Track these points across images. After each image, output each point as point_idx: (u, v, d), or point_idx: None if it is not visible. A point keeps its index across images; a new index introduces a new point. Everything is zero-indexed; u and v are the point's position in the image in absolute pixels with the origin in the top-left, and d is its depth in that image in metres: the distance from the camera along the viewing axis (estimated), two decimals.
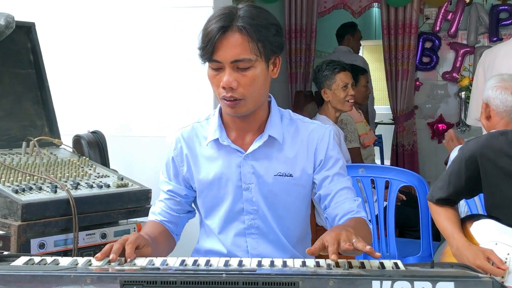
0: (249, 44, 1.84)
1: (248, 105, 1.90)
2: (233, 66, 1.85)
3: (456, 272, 1.50)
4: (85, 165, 2.68)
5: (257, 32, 1.84)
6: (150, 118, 3.42)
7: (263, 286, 1.36)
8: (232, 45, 1.83)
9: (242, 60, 1.84)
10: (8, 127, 2.75)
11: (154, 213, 2.12)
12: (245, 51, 1.84)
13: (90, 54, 3.54)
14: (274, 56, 1.93)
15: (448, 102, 6.42)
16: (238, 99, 1.87)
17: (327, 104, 3.95)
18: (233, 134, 2.02)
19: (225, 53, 1.84)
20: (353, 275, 1.38)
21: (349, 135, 4.23)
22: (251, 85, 1.87)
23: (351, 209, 1.99)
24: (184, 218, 2.14)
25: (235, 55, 1.84)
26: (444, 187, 2.33)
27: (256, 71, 1.87)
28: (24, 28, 2.89)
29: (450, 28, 6.32)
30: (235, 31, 1.83)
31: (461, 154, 2.27)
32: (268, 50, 1.88)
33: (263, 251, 2.03)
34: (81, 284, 1.38)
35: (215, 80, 1.89)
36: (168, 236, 2.09)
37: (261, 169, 1.99)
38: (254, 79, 1.87)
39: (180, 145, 2.06)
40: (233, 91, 1.86)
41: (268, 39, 1.87)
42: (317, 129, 2.05)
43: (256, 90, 1.89)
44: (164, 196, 2.12)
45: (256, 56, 1.85)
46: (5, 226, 2.21)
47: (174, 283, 1.38)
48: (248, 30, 1.83)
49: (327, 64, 3.93)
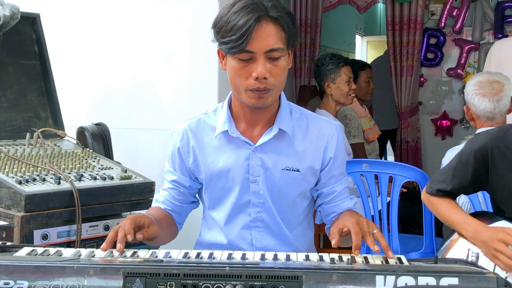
0: (281, 33, 1.85)
1: (274, 95, 1.91)
2: (265, 56, 1.84)
3: (460, 268, 1.49)
4: (89, 157, 2.68)
5: (287, 22, 1.86)
6: (154, 111, 3.42)
7: (266, 280, 1.36)
8: (267, 35, 1.82)
9: (276, 50, 1.84)
10: (12, 118, 2.76)
11: (158, 201, 2.12)
12: (279, 40, 1.84)
13: (95, 46, 3.53)
14: (292, 48, 1.94)
15: (452, 98, 6.40)
16: (268, 89, 1.86)
17: (327, 97, 3.94)
18: (242, 126, 2.00)
19: (260, 43, 1.82)
20: (356, 270, 1.38)
21: (353, 130, 4.23)
22: (282, 75, 1.88)
23: (347, 209, 2.07)
24: (187, 207, 2.14)
25: (271, 45, 1.83)
26: (447, 180, 2.31)
27: (284, 61, 1.88)
28: (29, 19, 2.89)
29: (455, 24, 6.29)
30: (269, 21, 1.83)
31: (470, 146, 2.26)
32: (292, 41, 1.90)
33: (268, 244, 2.03)
34: (84, 276, 1.38)
35: (243, 71, 1.85)
36: (171, 222, 2.09)
37: (269, 162, 1.99)
38: (284, 69, 1.88)
39: (186, 137, 2.05)
40: (266, 81, 1.84)
41: (292, 30, 1.89)
42: (328, 126, 2.05)
43: (283, 80, 1.90)
44: (168, 186, 2.11)
45: (286, 47, 1.87)
46: (8, 217, 2.21)
47: (177, 275, 1.38)
48: (281, 20, 1.84)
49: (330, 58, 3.91)
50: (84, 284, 1.37)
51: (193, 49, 3.31)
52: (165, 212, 2.08)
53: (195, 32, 3.32)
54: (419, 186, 3.19)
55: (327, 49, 6.97)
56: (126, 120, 3.43)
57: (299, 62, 6.15)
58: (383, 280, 1.34)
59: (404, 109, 6.04)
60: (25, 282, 1.38)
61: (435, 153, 6.31)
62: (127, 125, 3.41)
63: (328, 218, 2.10)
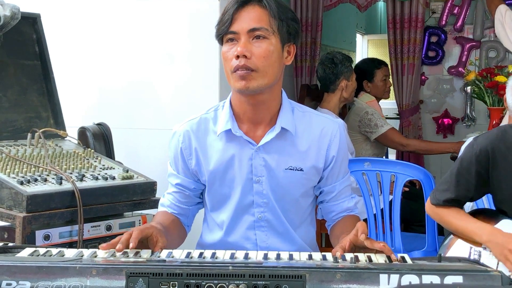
0: (267, 17, 1.86)
1: (259, 79, 1.87)
2: (249, 36, 1.86)
3: (465, 266, 1.48)
4: (90, 157, 2.67)
5: (276, 8, 1.87)
6: (156, 111, 3.42)
7: (269, 279, 1.35)
8: (251, 16, 1.87)
9: (259, 29, 1.85)
10: (14, 118, 2.75)
11: (164, 205, 2.10)
12: (263, 21, 1.86)
13: (96, 46, 3.53)
14: (289, 43, 1.94)
15: (454, 96, 6.38)
16: (250, 69, 1.85)
17: (330, 96, 3.95)
18: (244, 126, 1.99)
19: (242, 22, 1.86)
20: (360, 269, 1.37)
21: (379, 121, 4.24)
22: (265, 57, 1.87)
23: (348, 208, 2.10)
24: (194, 209, 2.13)
25: (253, 24, 1.86)
26: (451, 188, 2.29)
27: (271, 46, 1.87)
28: (30, 19, 2.89)
29: (456, 22, 6.28)
30: (255, 4, 1.87)
31: (471, 150, 2.25)
32: (284, 32, 1.90)
33: (272, 244, 2.02)
34: (86, 276, 1.37)
35: (229, 53, 1.88)
36: (179, 226, 2.08)
37: (273, 162, 1.98)
38: (268, 52, 1.87)
39: (188, 138, 2.03)
40: (247, 60, 1.85)
41: (286, 20, 1.89)
42: (331, 124, 2.04)
43: (269, 65, 1.88)
44: (172, 189, 2.10)
45: (273, 30, 1.87)
46: (10, 218, 2.20)
47: (180, 275, 1.37)
48: (268, 3, 1.87)
49: (345, 57, 3.96)
50: (86, 284, 1.37)
51: (194, 49, 3.31)
52: (172, 217, 2.07)
53: (196, 32, 3.31)
54: (421, 185, 3.18)
55: (328, 48, 6.95)
56: (127, 120, 3.43)
57: (299, 61, 6.13)
58: (387, 279, 1.34)
59: (406, 108, 6.02)
60: (27, 283, 1.37)
61: None
62: (128, 125, 3.40)
63: (329, 216, 2.11)
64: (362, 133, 4.29)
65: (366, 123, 4.24)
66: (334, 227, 2.09)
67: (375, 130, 4.20)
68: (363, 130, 4.27)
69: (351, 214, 2.10)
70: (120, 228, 2.45)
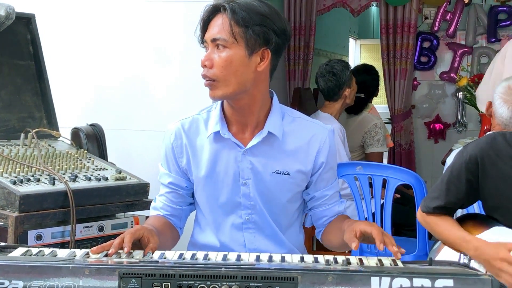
0: (229, 25, 1.86)
1: (223, 88, 1.89)
2: (213, 45, 1.89)
3: (455, 270, 1.50)
4: (83, 157, 2.67)
5: (240, 16, 1.86)
6: (149, 112, 3.42)
7: (262, 281, 1.36)
8: (215, 25, 1.89)
9: (218, 39, 1.87)
10: (7, 118, 2.75)
11: (156, 208, 2.09)
12: (222, 30, 1.87)
13: (90, 47, 3.53)
14: (261, 48, 1.90)
15: (445, 102, 6.42)
16: (211, 79, 1.88)
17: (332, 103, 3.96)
18: (233, 128, 2.00)
19: (209, 32, 1.91)
20: (352, 271, 1.39)
21: (382, 138, 4.27)
22: (224, 66, 1.87)
23: (338, 212, 2.10)
24: (186, 210, 2.12)
25: (214, 34, 1.88)
26: (441, 196, 2.29)
27: (230, 54, 1.87)
28: (24, 20, 2.89)
29: (448, 28, 6.31)
30: (221, 13, 1.89)
31: (461, 158, 2.25)
32: (249, 37, 1.87)
33: (260, 246, 2.03)
34: (79, 276, 1.38)
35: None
36: (171, 228, 2.07)
37: (259, 166, 1.98)
38: (227, 61, 1.87)
39: (180, 136, 2.04)
40: (208, 70, 1.88)
41: (252, 26, 1.87)
42: (321, 131, 2.04)
43: (229, 74, 1.88)
44: (165, 190, 2.09)
45: (233, 39, 1.86)
46: (2, 217, 2.20)
47: (173, 276, 1.38)
48: (231, 12, 1.86)
49: (343, 65, 4.00)
50: (79, 285, 1.37)
51: (189, 50, 3.31)
52: (164, 220, 2.06)
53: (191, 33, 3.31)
54: (413, 189, 3.19)
55: (321, 51, 6.97)
56: (120, 121, 3.43)
57: (292, 64, 6.15)
58: (378, 282, 1.35)
59: (398, 112, 6.05)
60: (20, 282, 1.38)
61: (428, 157, 6.33)
62: (121, 126, 3.40)
63: (320, 222, 2.11)
64: (361, 142, 4.31)
65: (371, 134, 4.26)
66: (327, 228, 2.09)
67: (374, 145, 4.21)
68: (363, 140, 4.29)
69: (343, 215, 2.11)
70: (112, 229, 2.45)
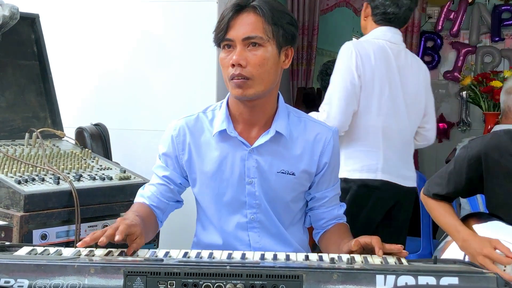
0: (262, 24, 1.86)
1: (256, 87, 1.88)
2: (244, 44, 1.86)
3: (460, 268, 1.50)
4: (87, 157, 2.68)
5: (271, 14, 1.87)
6: (153, 112, 3.42)
7: (267, 279, 1.36)
8: (246, 23, 1.87)
9: (254, 37, 1.86)
10: (11, 118, 2.75)
11: (143, 196, 2.07)
12: (257, 29, 1.86)
13: (94, 47, 3.53)
14: (286, 46, 1.94)
15: (449, 101, 6.42)
16: (246, 77, 1.86)
17: None
18: (239, 126, 2.00)
19: (237, 30, 1.86)
20: (357, 269, 1.39)
21: None
22: (261, 65, 1.87)
23: (338, 216, 2.11)
24: (172, 206, 2.10)
25: (247, 32, 1.86)
26: (443, 184, 2.31)
27: (266, 53, 1.87)
28: (28, 20, 2.89)
29: (452, 27, 6.31)
30: (250, 11, 1.87)
31: (465, 153, 2.26)
32: (280, 36, 1.89)
33: (265, 245, 2.02)
34: (84, 274, 1.38)
35: (225, 61, 1.89)
36: (155, 220, 2.04)
37: (265, 165, 1.98)
38: (263, 60, 1.87)
39: (183, 133, 2.03)
40: (242, 69, 1.86)
41: (282, 25, 1.89)
42: (325, 131, 2.05)
43: (264, 72, 1.88)
44: (157, 181, 2.08)
45: (268, 37, 1.87)
46: (7, 217, 2.21)
47: (178, 274, 1.38)
48: (262, 10, 1.86)
49: None
50: (84, 283, 1.37)
51: (192, 50, 3.32)
52: (149, 210, 2.03)
53: (193, 32, 3.32)
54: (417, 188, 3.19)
55: (324, 51, 6.98)
56: (124, 121, 3.43)
57: (296, 64, 6.16)
58: (383, 280, 1.35)
59: None
60: (26, 281, 1.38)
61: (432, 156, 6.33)
62: (125, 126, 3.41)
63: (319, 223, 2.12)
64: None
65: None
66: (327, 234, 2.09)
67: None
68: None
69: (341, 222, 2.11)
70: None
